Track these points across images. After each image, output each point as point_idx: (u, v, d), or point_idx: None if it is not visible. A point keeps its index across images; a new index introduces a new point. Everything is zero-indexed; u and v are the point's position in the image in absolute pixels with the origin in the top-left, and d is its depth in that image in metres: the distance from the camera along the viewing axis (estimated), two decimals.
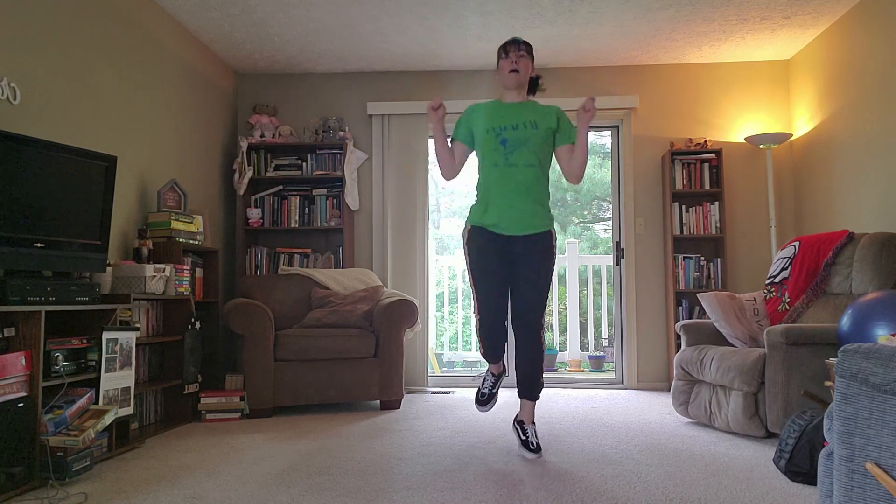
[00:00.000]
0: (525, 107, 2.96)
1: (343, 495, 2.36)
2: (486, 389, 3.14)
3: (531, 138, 2.87)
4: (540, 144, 2.89)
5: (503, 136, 2.88)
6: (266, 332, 3.94)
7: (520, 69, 2.91)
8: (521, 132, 2.87)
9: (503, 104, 2.98)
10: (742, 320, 3.67)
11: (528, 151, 2.87)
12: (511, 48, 2.93)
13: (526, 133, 2.87)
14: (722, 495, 2.33)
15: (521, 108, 2.95)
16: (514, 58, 2.92)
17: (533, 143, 2.87)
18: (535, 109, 2.95)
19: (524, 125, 2.88)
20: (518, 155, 2.86)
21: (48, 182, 2.77)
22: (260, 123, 5.09)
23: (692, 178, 4.95)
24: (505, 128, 2.89)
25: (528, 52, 2.96)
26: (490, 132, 2.90)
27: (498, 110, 2.95)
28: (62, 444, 2.53)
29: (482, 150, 2.94)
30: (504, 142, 2.88)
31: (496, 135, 2.88)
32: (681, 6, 4.16)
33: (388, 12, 4.23)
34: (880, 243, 3.37)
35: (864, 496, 1.39)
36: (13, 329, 2.53)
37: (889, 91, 3.80)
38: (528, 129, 2.87)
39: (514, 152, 2.87)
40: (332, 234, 5.16)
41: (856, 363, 1.43)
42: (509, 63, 2.92)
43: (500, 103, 2.99)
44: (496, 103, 3.00)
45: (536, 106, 2.98)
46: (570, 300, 6.88)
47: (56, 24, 3.18)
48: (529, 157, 2.87)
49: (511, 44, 2.94)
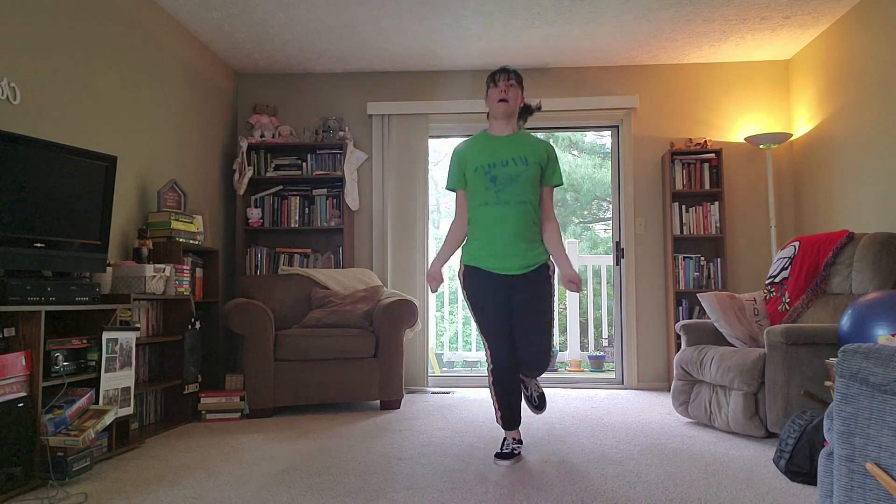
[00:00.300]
0: (515, 141, 2.85)
1: (343, 495, 2.36)
2: (508, 449, 2.88)
3: (522, 174, 2.77)
4: (531, 180, 2.79)
5: (492, 173, 2.77)
6: (266, 332, 3.94)
7: (509, 98, 2.81)
8: (512, 169, 2.77)
9: (492, 138, 2.87)
10: (742, 320, 3.67)
11: (518, 188, 2.76)
12: (500, 77, 2.83)
13: (517, 169, 2.77)
14: (722, 495, 2.33)
15: (512, 143, 2.84)
16: (503, 87, 2.82)
17: (523, 180, 2.77)
18: (526, 143, 2.85)
19: (514, 161, 2.78)
20: (509, 192, 2.76)
21: (48, 182, 2.77)
22: (260, 123, 5.09)
23: (692, 178, 4.95)
24: (494, 164, 2.78)
25: (518, 82, 2.86)
26: (479, 170, 2.79)
27: (488, 146, 2.85)
28: (62, 444, 2.53)
29: (472, 188, 2.83)
30: (494, 179, 2.77)
31: (485, 172, 2.78)
32: (681, 6, 4.16)
33: (388, 12, 4.23)
34: (880, 243, 3.37)
35: (864, 496, 1.39)
36: (13, 329, 2.53)
37: (889, 91, 3.80)
38: (520, 166, 2.77)
39: (504, 190, 2.76)
40: (332, 234, 5.15)
41: (856, 363, 1.43)
42: (498, 92, 2.82)
43: (489, 137, 2.89)
44: (485, 138, 2.89)
45: (527, 139, 2.88)
46: (570, 300, 6.87)
47: (56, 24, 3.18)
48: (520, 194, 2.77)
49: (500, 73, 2.84)
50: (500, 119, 2.87)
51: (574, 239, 8.81)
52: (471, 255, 2.87)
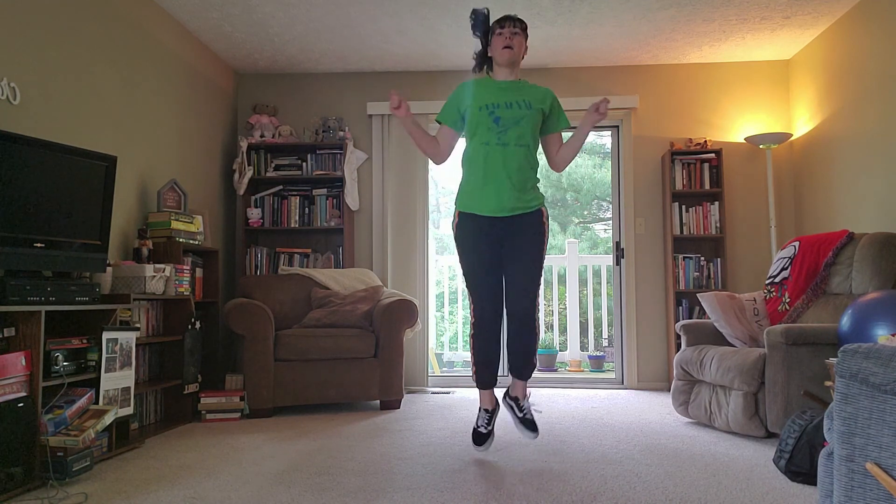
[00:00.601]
0: (519, 86, 2.87)
1: (343, 495, 2.36)
2: (483, 428, 2.92)
3: (525, 118, 2.78)
4: (533, 125, 2.81)
5: (496, 113, 2.78)
6: (266, 332, 3.93)
7: (514, 46, 2.81)
8: (516, 111, 2.78)
9: (496, 82, 2.88)
10: (742, 320, 3.67)
11: (521, 131, 2.78)
12: (506, 24, 2.83)
13: (520, 112, 2.78)
14: (722, 495, 2.33)
15: (515, 87, 2.86)
16: (508, 34, 2.81)
17: (526, 123, 2.78)
18: (529, 89, 2.87)
19: (518, 104, 2.79)
20: (511, 134, 2.77)
21: (48, 182, 2.77)
22: (260, 123, 5.09)
23: (692, 178, 4.95)
24: (498, 105, 2.79)
25: (523, 31, 2.85)
26: (483, 109, 2.79)
27: (491, 88, 2.86)
28: (62, 444, 2.53)
29: (473, 127, 2.83)
30: (497, 120, 2.78)
31: (489, 112, 2.78)
32: (681, 6, 4.16)
33: (388, 12, 4.23)
34: (880, 243, 3.37)
35: (864, 496, 1.39)
36: (13, 329, 2.53)
37: (889, 91, 3.80)
38: (523, 109, 2.79)
39: (507, 131, 2.77)
40: (332, 234, 5.15)
41: (856, 363, 1.43)
42: (503, 39, 2.81)
43: (492, 81, 2.90)
44: (488, 81, 2.90)
45: (530, 86, 2.89)
46: (570, 300, 6.88)
47: (56, 24, 3.18)
48: (522, 136, 2.78)
49: (506, 20, 2.84)
50: (503, 66, 2.86)
51: (574, 239, 8.81)
52: (466, 197, 2.86)
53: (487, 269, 2.83)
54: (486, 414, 2.94)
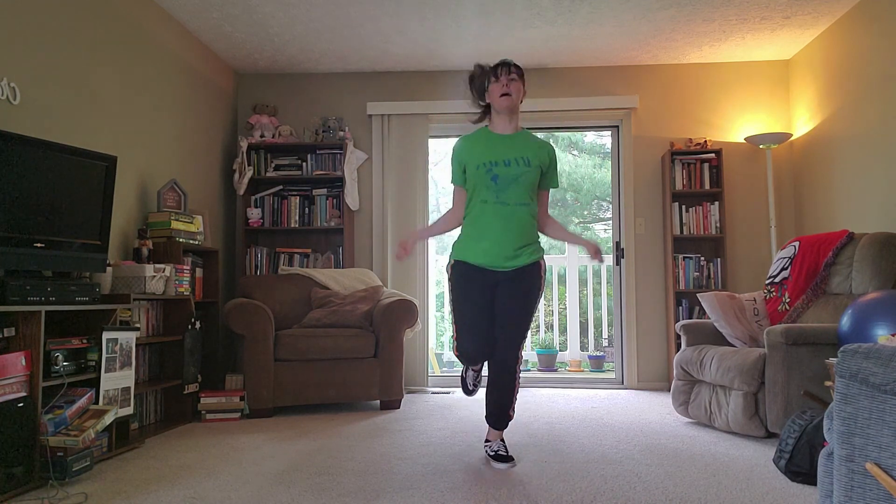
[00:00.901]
0: (518, 140, 2.81)
1: (343, 495, 2.36)
2: (470, 384, 3.05)
3: (523, 175, 2.73)
4: (531, 182, 2.76)
5: (494, 171, 2.72)
6: (266, 332, 3.93)
7: (511, 92, 2.75)
8: (514, 169, 2.73)
9: (494, 136, 2.83)
10: (742, 320, 3.67)
11: (519, 189, 2.73)
12: (501, 71, 2.77)
13: (518, 170, 2.73)
14: (722, 495, 2.33)
15: (514, 142, 2.80)
16: (504, 81, 2.75)
17: (525, 181, 2.73)
18: (529, 144, 2.81)
19: (516, 161, 2.74)
20: (510, 193, 2.72)
21: (48, 182, 2.77)
22: (260, 123, 5.09)
23: (692, 178, 4.95)
24: (496, 163, 2.73)
25: (520, 76, 2.80)
26: (481, 168, 2.74)
27: (489, 144, 2.80)
28: (62, 444, 2.53)
29: (472, 185, 2.78)
30: (495, 178, 2.72)
31: (487, 171, 2.73)
32: (681, 6, 4.16)
33: (388, 12, 4.23)
34: (880, 243, 3.37)
35: (863, 496, 1.39)
36: (13, 329, 2.53)
37: (889, 91, 3.79)
38: (521, 167, 2.73)
39: (505, 190, 2.72)
40: (332, 234, 5.15)
41: (856, 363, 1.43)
42: (500, 87, 2.75)
43: (490, 135, 2.84)
44: (486, 135, 2.84)
45: (530, 140, 2.84)
46: (570, 300, 6.88)
47: (56, 24, 3.18)
48: (521, 195, 2.73)
49: (501, 67, 2.78)
50: (503, 114, 2.81)
51: None
52: (463, 250, 2.83)
53: (478, 315, 2.79)
54: (472, 372, 3.02)
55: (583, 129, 5.85)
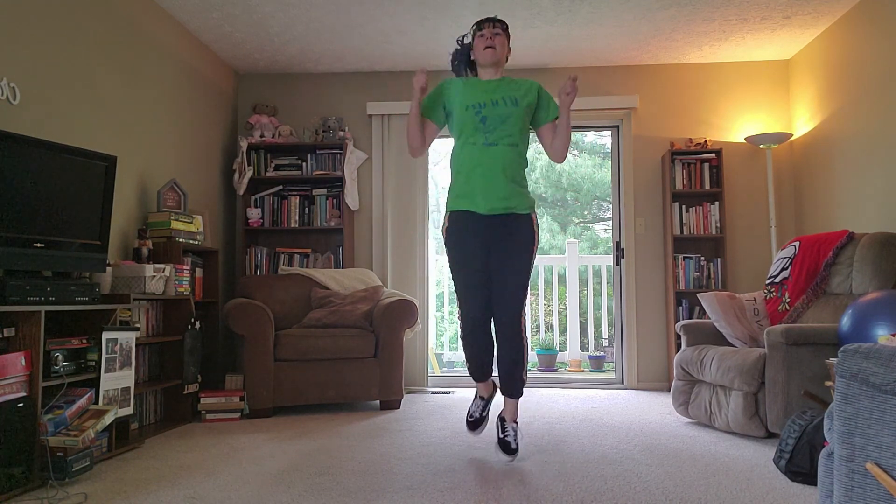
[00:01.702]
0: (504, 82, 2.83)
1: (343, 495, 2.35)
2: (476, 414, 2.97)
3: (512, 115, 2.75)
4: (521, 122, 2.77)
5: (483, 113, 2.74)
6: (266, 332, 3.93)
7: (496, 45, 2.78)
8: (502, 109, 2.74)
9: (480, 81, 2.85)
10: (742, 320, 3.67)
11: (508, 129, 2.74)
12: (485, 25, 2.81)
13: (507, 110, 2.75)
14: (722, 495, 2.33)
15: (501, 84, 2.82)
16: (488, 34, 2.79)
17: (514, 121, 2.75)
18: (515, 85, 2.83)
19: (504, 101, 2.75)
20: (499, 133, 2.74)
21: (48, 182, 2.77)
22: (260, 123, 5.09)
23: (692, 178, 4.95)
24: (485, 104, 2.75)
25: (504, 31, 2.83)
26: (469, 109, 2.75)
27: (477, 87, 2.82)
28: (62, 444, 2.53)
29: (460, 127, 2.80)
30: (484, 119, 2.74)
31: (476, 112, 2.74)
32: (681, 6, 4.16)
33: (388, 12, 4.23)
34: (880, 243, 3.37)
35: (864, 496, 1.39)
36: (13, 329, 2.53)
37: (889, 91, 3.79)
38: (510, 106, 2.75)
39: (494, 130, 2.74)
40: (332, 234, 5.15)
41: (856, 363, 1.43)
42: (484, 40, 2.79)
43: (476, 80, 2.86)
44: (471, 80, 2.87)
45: (515, 81, 2.85)
46: (570, 300, 6.87)
47: (56, 24, 3.18)
48: (511, 135, 2.75)
49: (486, 21, 2.82)
50: (486, 67, 2.84)
51: (574, 239, 8.81)
52: (455, 195, 2.82)
53: (476, 272, 2.79)
54: (480, 401, 3.00)
55: (583, 129, 5.84)
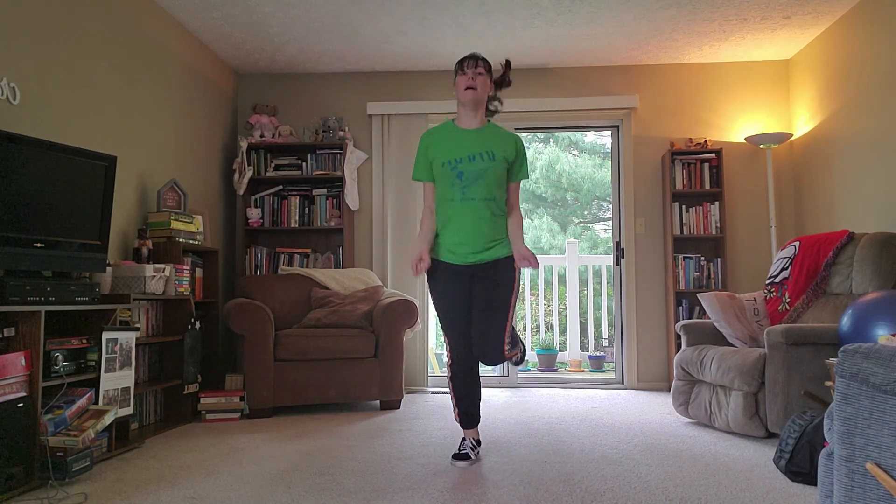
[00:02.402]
0: (483, 134, 2.81)
1: (343, 495, 2.35)
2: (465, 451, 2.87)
3: (488, 171, 2.73)
4: (497, 177, 2.76)
5: (459, 168, 2.73)
6: (266, 332, 3.93)
7: (477, 86, 2.75)
8: (478, 164, 2.73)
9: (459, 131, 2.82)
10: (742, 320, 3.66)
11: (484, 185, 2.73)
12: (468, 64, 2.77)
13: (483, 165, 2.73)
14: (722, 495, 2.33)
15: (479, 137, 2.80)
16: (471, 74, 2.76)
17: (490, 176, 2.73)
18: (494, 137, 2.81)
19: (481, 156, 2.74)
20: (475, 189, 2.73)
21: (48, 182, 2.77)
22: (260, 123, 5.09)
23: (692, 178, 4.95)
24: (461, 160, 2.74)
25: (487, 70, 2.80)
26: (446, 165, 2.75)
27: (454, 140, 2.80)
28: (62, 445, 2.53)
29: (438, 182, 2.81)
30: (460, 175, 2.73)
31: (452, 168, 2.74)
32: (681, 6, 4.16)
33: (388, 12, 4.23)
34: (880, 243, 3.37)
35: (864, 496, 1.39)
36: (13, 329, 2.53)
37: (889, 91, 3.79)
38: (486, 161, 2.73)
39: (470, 186, 2.73)
40: (332, 234, 5.15)
41: (856, 363, 1.43)
42: (466, 79, 2.76)
43: (455, 129, 2.83)
44: (452, 129, 2.84)
45: (496, 132, 2.83)
46: (570, 300, 6.87)
47: (56, 24, 3.18)
48: (487, 190, 2.73)
49: (468, 59, 2.79)
50: (467, 107, 2.81)
51: (574, 239, 8.81)
52: (437, 244, 2.85)
53: (460, 316, 2.80)
54: (471, 440, 2.92)
55: (583, 129, 5.85)
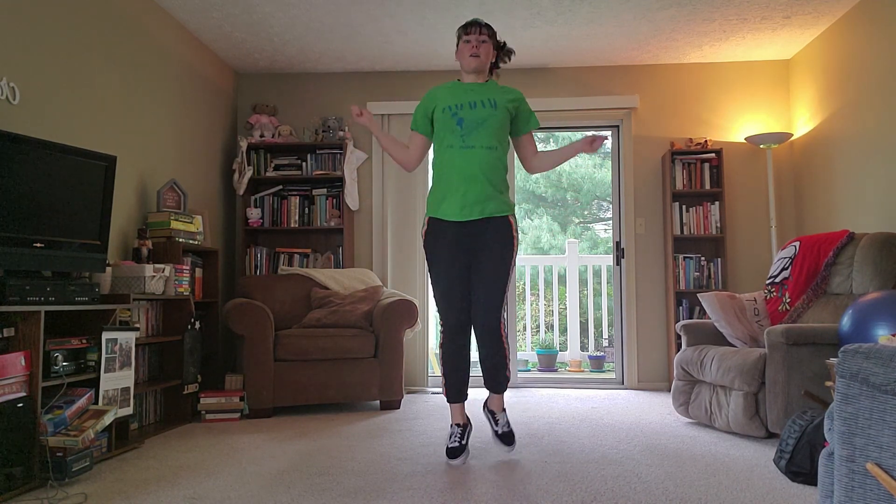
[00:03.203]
0: (486, 86, 2.82)
1: (343, 495, 2.35)
2: (456, 443, 2.84)
3: (490, 118, 2.72)
4: (499, 125, 2.74)
5: (459, 115, 2.72)
6: (266, 332, 3.93)
7: (481, 54, 2.76)
8: (480, 111, 2.72)
9: (461, 84, 2.84)
10: (742, 320, 3.66)
11: (486, 132, 2.71)
12: (472, 30, 2.76)
13: (484, 112, 2.72)
14: (722, 495, 2.33)
15: (481, 87, 2.81)
16: (474, 42, 2.75)
17: (492, 124, 2.72)
18: (497, 89, 2.81)
19: (482, 104, 2.73)
20: (476, 136, 2.71)
21: (48, 182, 2.77)
22: (260, 123, 5.09)
23: (692, 178, 4.95)
24: (461, 106, 2.73)
25: (490, 36, 2.79)
26: (446, 111, 2.74)
27: (456, 90, 2.81)
28: (62, 445, 2.52)
29: (438, 131, 2.79)
30: (461, 122, 2.71)
31: (452, 114, 2.73)
32: (681, 6, 4.16)
33: (388, 12, 4.23)
34: (881, 243, 3.37)
35: (864, 496, 1.39)
36: (13, 329, 2.53)
37: (889, 91, 3.79)
38: (487, 108, 2.72)
39: (471, 133, 2.71)
40: (332, 234, 5.15)
41: (856, 363, 1.43)
42: (470, 47, 2.76)
43: (458, 83, 2.85)
44: (455, 84, 2.86)
45: (497, 86, 2.84)
46: (570, 300, 6.87)
47: (56, 24, 3.18)
48: (488, 138, 2.71)
49: (472, 26, 2.77)
50: (470, 73, 2.83)
51: (574, 239, 8.80)
52: (434, 202, 2.81)
53: (455, 278, 2.77)
54: (458, 429, 2.88)
55: (583, 129, 5.84)
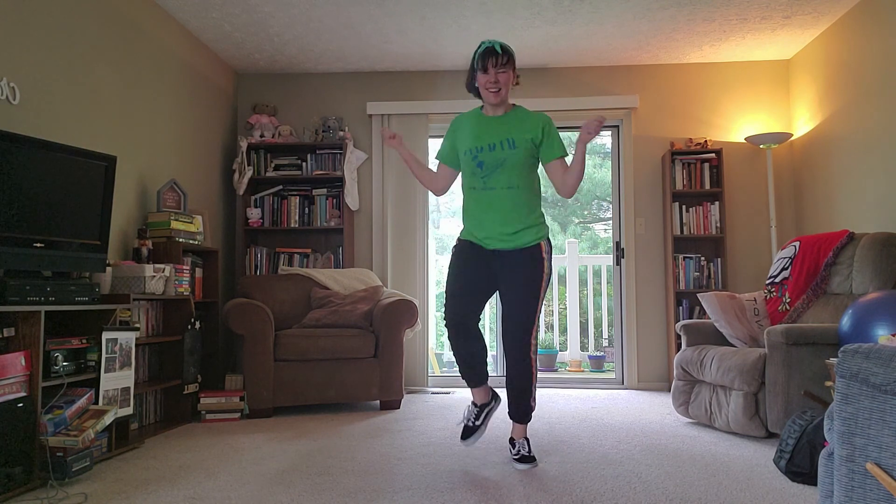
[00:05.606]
0: (506, 120, 2.75)
1: (343, 495, 2.35)
2: (470, 422, 2.84)
3: (509, 159, 2.68)
4: (519, 164, 2.70)
5: (479, 158, 2.70)
6: (266, 332, 3.93)
7: (501, 87, 2.68)
8: (498, 153, 2.68)
9: (484, 119, 2.78)
10: (742, 320, 3.66)
11: (506, 173, 2.69)
12: (490, 62, 2.65)
13: (503, 154, 2.68)
14: (722, 495, 2.33)
15: (502, 124, 2.74)
16: (493, 74, 2.66)
17: (511, 164, 2.68)
18: (518, 122, 2.73)
19: (501, 145, 2.68)
20: (496, 178, 2.69)
21: (48, 182, 2.77)
22: (260, 123, 5.09)
23: (692, 178, 4.95)
24: (482, 149, 2.70)
25: (509, 62, 2.68)
26: (467, 154, 2.73)
27: (478, 127, 2.76)
28: (62, 445, 2.52)
29: (463, 169, 2.80)
30: (480, 164, 2.70)
31: (473, 157, 2.71)
32: (681, 6, 4.16)
33: (388, 12, 4.23)
34: (881, 243, 3.37)
35: (864, 496, 1.39)
36: (13, 329, 2.53)
37: (889, 91, 3.79)
38: (506, 150, 2.68)
39: (491, 175, 2.70)
40: (332, 234, 5.15)
41: (856, 363, 1.43)
42: (488, 80, 2.67)
43: (481, 117, 2.79)
44: (478, 117, 2.80)
45: (521, 116, 2.76)
46: (570, 300, 6.87)
47: (56, 24, 3.18)
48: (507, 178, 2.69)
49: (490, 56, 2.65)
50: (492, 104, 2.76)
51: (574, 239, 8.80)
52: (465, 228, 2.85)
53: (463, 283, 2.75)
54: (474, 408, 2.87)
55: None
